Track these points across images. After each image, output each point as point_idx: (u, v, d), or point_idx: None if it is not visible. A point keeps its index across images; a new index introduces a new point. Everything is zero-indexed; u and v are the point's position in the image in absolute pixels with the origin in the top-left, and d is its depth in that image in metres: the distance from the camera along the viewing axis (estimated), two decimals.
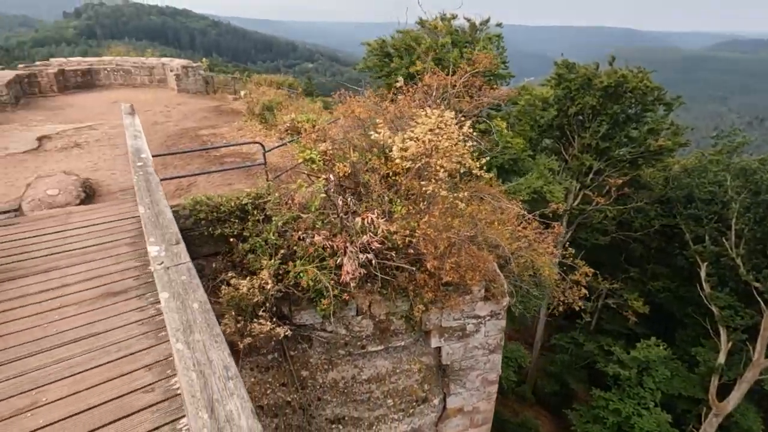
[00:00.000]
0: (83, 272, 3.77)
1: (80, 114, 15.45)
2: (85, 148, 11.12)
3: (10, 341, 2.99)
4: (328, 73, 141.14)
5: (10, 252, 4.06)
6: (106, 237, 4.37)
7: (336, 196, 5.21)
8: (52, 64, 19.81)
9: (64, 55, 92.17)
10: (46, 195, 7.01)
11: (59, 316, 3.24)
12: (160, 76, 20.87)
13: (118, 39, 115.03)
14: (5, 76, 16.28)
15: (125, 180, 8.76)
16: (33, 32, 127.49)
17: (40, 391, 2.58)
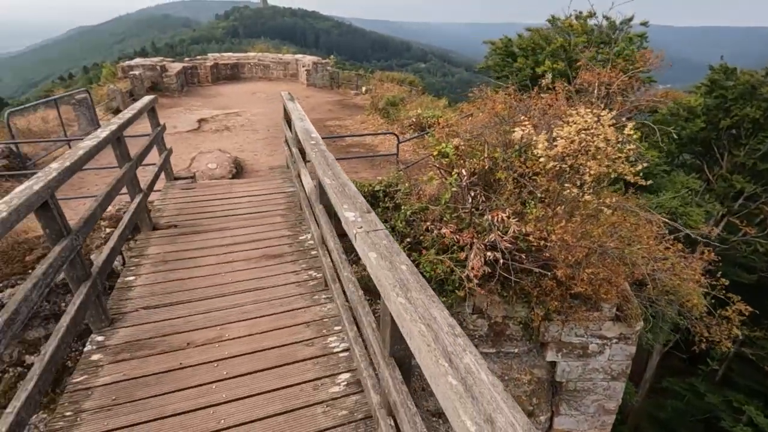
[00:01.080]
0: (247, 234, 4.33)
1: (228, 102, 17.60)
2: (233, 131, 12.69)
3: (199, 282, 3.56)
4: (438, 73, 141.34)
5: (194, 210, 4.83)
6: (262, 207, 4.96)
7: (467, 191, 5.20)
8: (209, 59, 22.95)
9: (212, 51, 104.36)
10: (207, 168, 8.16)
11: (232, 268, 3.76)
12: (293, 71, 22.88)
13: (256, 38, 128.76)
14: (175, 68, 19.32)
15: (265, 161, 9.82)
16: (191, 32, 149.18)
17: (224, 327, 3.03)
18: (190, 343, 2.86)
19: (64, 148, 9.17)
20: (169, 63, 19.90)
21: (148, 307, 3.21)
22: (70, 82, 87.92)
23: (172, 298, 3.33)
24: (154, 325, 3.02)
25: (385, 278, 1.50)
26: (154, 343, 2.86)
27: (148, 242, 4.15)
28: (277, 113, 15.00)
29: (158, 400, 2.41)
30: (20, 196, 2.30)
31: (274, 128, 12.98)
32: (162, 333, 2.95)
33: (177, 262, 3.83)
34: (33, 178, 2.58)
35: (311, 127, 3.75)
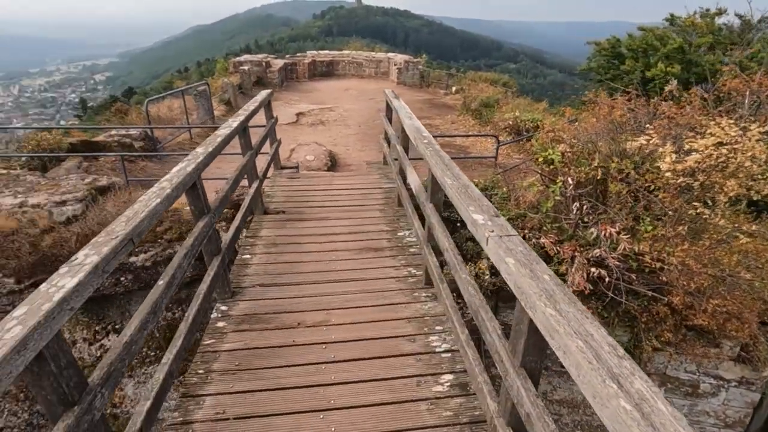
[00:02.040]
0: (348, 226, 4.52)
1: (322, 97, 18.43)
2: (326, 125, 13.30)
3: (305, 267, 3.80)
4: (529, 74, 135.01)
5: (299, 199, 5.16)
6: (361, 200, 5.14)
7: (571, 201, 4.91)
8: (308, 56, 24.29)
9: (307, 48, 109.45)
10: (305, 159, 8.65)
11: (335, 257, 3.95)
12: (384, 69, 23.34)
13: (348, 36, 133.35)
14: (278, 64, 20.74)
15: (356, 155, 10.16)
16: (290, 30, 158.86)
17: (329, 312, 3.20)
18: (300, 323, 3.06)
19: (185, 133, 10.30)
20: (272, 59, 21.40)
21: (263, 285, 3.50)
22: (185, 75, 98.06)
23: (282, 279, 3.59)
24: (269, 302, 3.28)
25: (528, 286, 1.46)
26: (269, 319, 3.10)
27: (261, 225, 4.52)
28: (367, 110, 15.43)
29: (275, 372, 2.61)
30: (178, 175, 2.63)
31: (365, 124, 13.35)
32: (275, 310, 3.19)
33: (286, 246, 4.12)
34: (185, 160, 2.93)
35: (422, 125, 3.79)
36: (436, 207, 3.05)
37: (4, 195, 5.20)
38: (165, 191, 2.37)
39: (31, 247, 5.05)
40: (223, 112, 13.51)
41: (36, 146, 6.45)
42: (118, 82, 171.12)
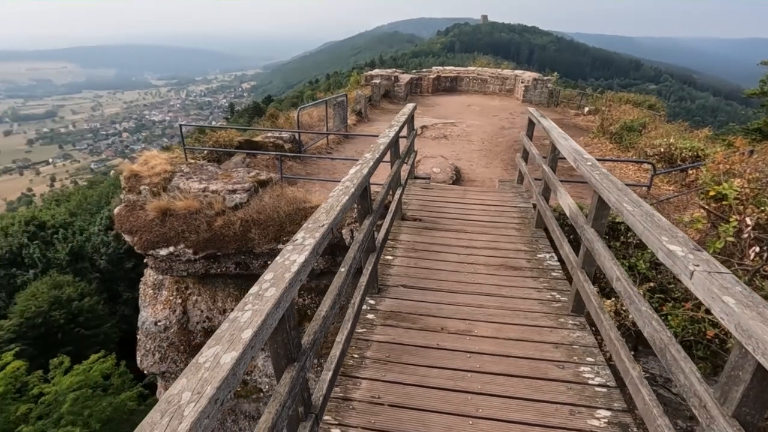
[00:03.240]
0: (484, 241, 4.54)
1: (445, 111, 18.70)
2: (449, 139, 13.46)
3: (445, 276, 3.92)
4: (673, 97, 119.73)
5: (433, 208, 5.34)
6: (496, 217, 5.12)
7: (747, 245, 4.26)
8: (433, 71, 24.92)
9: (428, 64, 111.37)
10: (432, 171, 8.87)
11: (473, 270, 4.00)
12: (510, 87, 22.83)
13: (469, 53, 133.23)
14: (405, 78, 21.66)
15: (480, 171, 10.10)
16: (413, 46, 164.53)
17: (471, 323, 3.25)
18: (443, 329, 3.17)
19: (323, 139, 11.33)
20: (400, 74, 22.41)
21: (405, 286, 3.70)
22: (315, 86, 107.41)
23: (423, 283, 3.75)
24: (412, 303, 3.47)
25: (762, 331, 1.35)
26: (414, 319, 3.27)
27: (400, 230, 4.79)
28: (491, 127, 15.25)
29: (421, 370, 2.75)
30: (357, 177, 2.94)
31: (489, 141, 13.20)
32: (419, 312, 3.36)
33: (424, 252, 4.29)
34: (357, 164, 3.25)
35: (580, 147, 3.66)
36: (599, 232, 2.92)
37: (193, 180, 6.30)
38: (350, 190, 2.67)
39: (207, 225, 6.04)
40: (354, 122, 14.56)
41: (214, 142, 7.73)
42: (260, 90, 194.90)
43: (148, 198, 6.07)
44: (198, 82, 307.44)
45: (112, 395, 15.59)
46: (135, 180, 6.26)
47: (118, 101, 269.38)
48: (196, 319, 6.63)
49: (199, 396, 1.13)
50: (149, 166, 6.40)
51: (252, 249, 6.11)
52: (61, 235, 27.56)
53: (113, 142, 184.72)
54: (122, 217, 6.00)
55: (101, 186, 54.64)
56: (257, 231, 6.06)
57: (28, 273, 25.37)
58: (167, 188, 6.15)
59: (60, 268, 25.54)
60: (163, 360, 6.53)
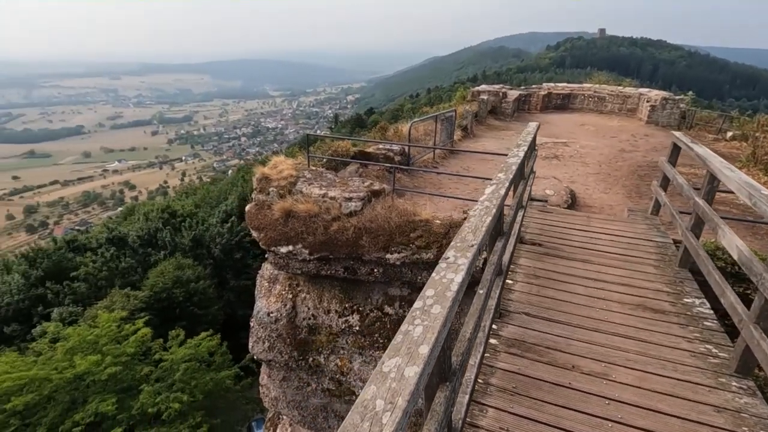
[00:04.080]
0: (615, 275, 4.13)
1: (556, 130, 17.70)
2: (561, 160, 12.67)
3: (572, 309, 3.64)
4: None
5: (553, 234, 5.03)
6: (628, 251, 4.64)
7: None
8: (543, 88, 23.80)
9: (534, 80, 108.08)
10: (545, 193, 8.41)
11: (606, 307, 3.66)
12: (631, 106, 20.85)
13: (581, 68, 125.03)
14: (513, 95, 21.01)
15: (598, 197, 9.31)
16: (519, 61, 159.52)
17: (608, 366, 2.96)
18: (575, 367, 2.93)
19: (430, 153, 11.43)
20: (508, 90, 21.80)
21: (528, 314, 3.52)
22: (415, 100, 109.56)
23: (548, 313, 3.53)
24: (537, 334, 3.27)
25: None
26: (540, 351, 3.09)
27: (519, 254, 4.59)
28: (609, 149, 14.03)
29: (553, 409, 2.57)
30: (495, 197, 2.87)
31: (607, 164, 12.16)
32: (546, 345, 3.15)
33: (547, 281, 4.05)
34: (492, 184, 3.18)
35: (754, 181, 3.15)
36: None
37: (314, 186, 6.76)
38: (492, 210, 2.61)
39: (323, 229, 6.42)
40: (460, 137, 14.47)
41: (333, 152, 8.24)
42: (363, 103, 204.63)
43: (275, 199, 6.65)
44: (309, 93, 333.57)
45: (214, 371, 17.29)
46: (265, 182, 6.92)
47: (241, 109, 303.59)
48: (303, 315, 7.06)
49: (392, 406, 1.17)
50: (278, 170, 7.03)
51: (361, 256, 6.34)
52: (187, 224, 31.62)
53: (233, 145, 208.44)
54: (252, 215, 6.66)
55: (221, 183, 61.72)
56: (368, 239, 6.28)
57: (160, 253, 29.46)
58: (292, 191, 6.68)
59: (183, 252, 29.25)
60: (271, 349, 7.05)
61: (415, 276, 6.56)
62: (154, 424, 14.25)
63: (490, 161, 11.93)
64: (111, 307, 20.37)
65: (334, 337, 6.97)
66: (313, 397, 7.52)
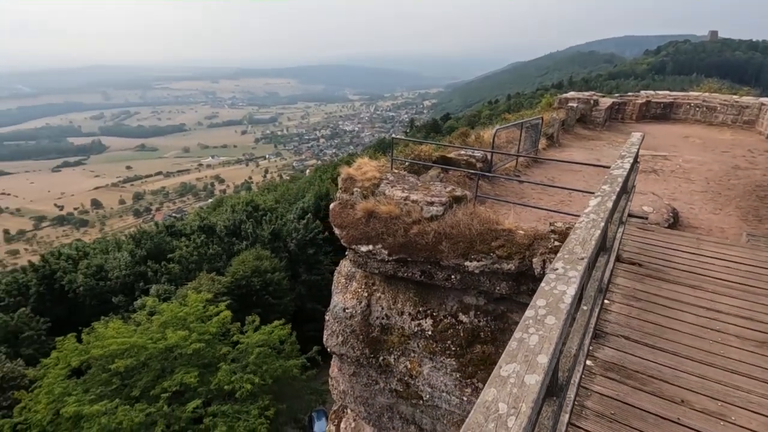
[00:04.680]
0: (734, 307, 3.68)
1: (654, 143, 16.20)
2: (660, 175, 11.57)
3: (680, 338, 3.31)
4: None
5: (656, 254, 4.61)
6: (749, 280, 4.11)
7: None
8: (641, 96, 21.89)
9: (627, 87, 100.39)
10: (642, 210, 7.73)
11: (721, 339, 3.27)
12: (749, 117, 18.44)
13: (685, 75, 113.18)
14: (605, 103, 19.60)
15: (706, 218, 8.36)
16: (611, 67, 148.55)
17: (724, 405, 2.65)
18: (684, 402, 2.66)
19: (512, 161, 11.06)
20: (600, 98, 20.39)
21: (628, 338, 3.26)
22: (494, 107, 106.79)
23: (651, 340, 3.24)
24: (638, 360, 3.02)
25: None
26: (642, 380, 2.84)
27: (616, 272, 4.27)
28: (719, 165, 12.54)
29: None
30: (602, 210, 2.70)
31: (717, 182, 10.88)
32: (649, 373, 2.90)
33: (648, 304, 3.72)
34: (597, 196, 2.99)
35: None
36: None
37: (396, 188, 6.87)
38: (600, 224, 2.47)
39: (404, 231, 6.49)
40: (544, 146, 13.82)
41: (416, 155, 8.31)
42: (440, 108, 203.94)
43: (358, 199, 6.87)
44: (386, 98, 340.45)
45: (283, 359, 18.23)
46: (350, 182, 7.18)
47: (321, 112, 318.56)
48: (377, 314, 7.19)
49: (516, 411, 1.16)
50: (362, 171, 7.26)
51: (439, 261, 6.31)
52: (267, 218, 33.79)
53: (312, 146, 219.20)
54: (336, 213, 6.94)
55: (299, 181, 65.20)
56: (447, 244, 6.23)
57: (242, 243, 31.77)
58: (375, 192, 6.85)
59: (263, 244, 31.28)
60: (344, 343, 7.28)
61: (493, 286, 6.39)
62: (228, 400, 15.39)
63: (577, 172, 11.26)
64: (198, 289, 22.42)
65: (405, 339, 7.01)
66: (380, 396, 7.63)
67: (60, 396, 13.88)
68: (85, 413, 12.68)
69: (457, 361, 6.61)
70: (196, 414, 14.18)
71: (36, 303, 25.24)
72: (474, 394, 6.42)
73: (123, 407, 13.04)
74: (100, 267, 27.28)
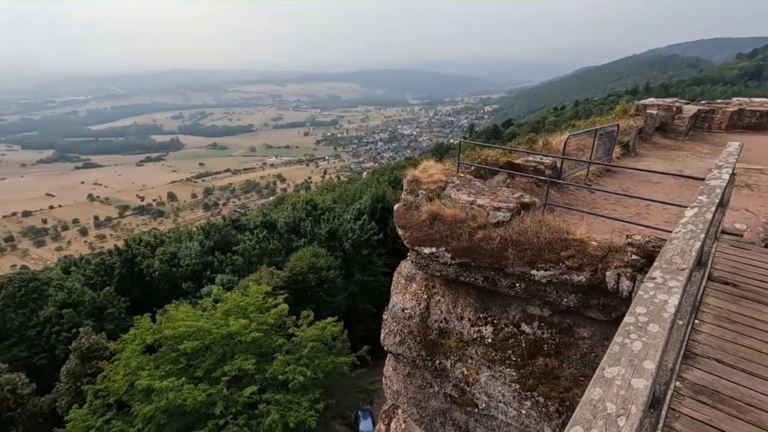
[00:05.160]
0: None
1: (747, 155, 14.68)
2: (755, 190, 10.46)
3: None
4: None
5: (753, 275, 4.20)
6: None
7: None
8: (732, 103, 19.94)
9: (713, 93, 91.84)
10: (733, 227, 7.06)
11: None
12: None
13: None
14: (690, 110, 18.07)
15: None
16: (695, 72, 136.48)
17: None
18: None
19: (583, 170, 10.54)
20: (683, 105, 18.85)
21: (721, 362, 3.00)
22: (560, 113, 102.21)
23: (749, 366, 2.96)
24: (735, 387, 2.77)
25: None
26: (739, 407, 2.61)
27: (707, 291, 3.94)
28: None
29: None
30: (701, 221, 2.52)
31: None
32: (747, 401, 2.65)
33: (745, 327, 3.39)
34: (693, 207, 2.80)
35: None
36: None
37: (462, 192, 6.82)
38: (699, 235, 2.31)
39: (468, 236, 6.43)
40: (618, 155, 13.03)
41: (483, 160, 8.20)
42: (501, 114, 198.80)
43: (423, 201, 6.91)
44: (446, 103, 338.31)
45: (334, 355, 18.63)
46: (415, 184, 7.24)
47: (381, 115, 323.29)
48: (435, 317, 7.17)
49: (626, 412, 1.14)
50: (427, 174, 7.29)
51: (504, 268, 6.17)
52: (325, 217, 34.82)
53: (370, 149, 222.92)
54: (400, 214, 7.03)
55: (357, 183, 66.53)
56: (514, 251, 6.08)
57: (300, 240, 32.96)
58: (440, 195, 6.85)
59: (320, 242, 32.26)
60: (401, 343, 7.33)
61: (560, 297, 6.14)
62: (281, 390, 16.02)
63: (656, 183, 10.50)
64: (259, 281, 23.60)
65: (463, 344, 6.93)
66: (433, 400, 7.59)
67: (135, 369, 15.22)
68: (156, 387, 13.80)
69: (518, 372, 6.41)
70: (251, 399, 14.93)
71: (118, 283, 27.92)
72: (534, 407, 6.19)
73: (188, 385, 14.03)
74: (173, 254, 29.61)
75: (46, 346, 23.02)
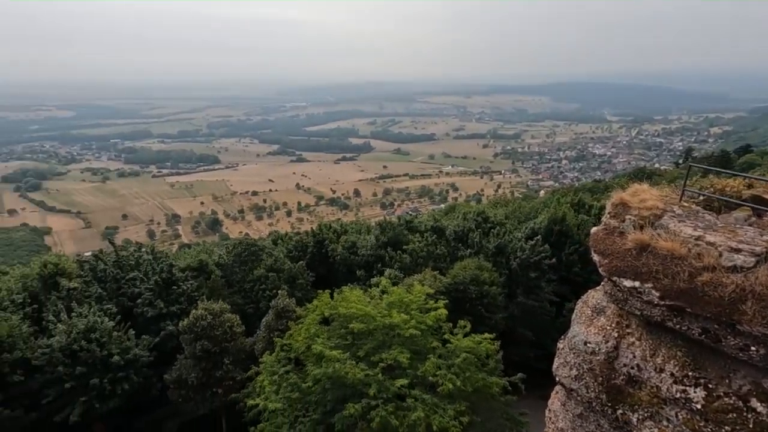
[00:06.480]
0: None
1: None
2: None
3: None
4: None
5: None
6: None
7: None
8: None
9: None
10: None
11: None
12: None
13: None
14: None
15: None
16: None
17: None
18: None
19: None
20: None
21: None
22: None
23: None
24: None
25: None
26: None
27: None
28: None
29: None
30: None
31: None
32: None
33: None
34: None
35: None
36: None
37: (686, 225, 5.72)
38: None
39: (688, 276, 5.35)
40: None
41: (718, 190, 6.71)
42: (735, 138, 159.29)
43: (629, 228, 6.05)
44: (655, 121, 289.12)
45: (486, 373, 17.92)
46: (622, 208, 6.39)
47: (570, 131, 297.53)
48: (625, 361, 6.20)
49: None
50: (639, 198, 6.35)
51: (735, 323, 4.93)
52: (495, 231, 33.86)
53: (552, 167, 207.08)
54: (598, 238, 6.31)
55: (533, 202, 62.72)
56: (755, 306, 4.80)
57: (466, 251, 32.86)
58: (654, 224, 5.89)
59: (485, 255, 31.56)
60: (577, 379, 6.58)
61: None
62: (429, 391, 16.27)
63: None
64: (422, 282, 24.52)
65: (659, 401, 5.80)
66: None
67: (312, 335, 17.66)
68: (326, 355, 15.73)
69: None
70: (401, 391, 15.61)
71: (309, 260, 32.90)
72: None
73: (350, 362, 15.56)
74: (353, 243, 33.28)
75: (255, 299, 28.79)
